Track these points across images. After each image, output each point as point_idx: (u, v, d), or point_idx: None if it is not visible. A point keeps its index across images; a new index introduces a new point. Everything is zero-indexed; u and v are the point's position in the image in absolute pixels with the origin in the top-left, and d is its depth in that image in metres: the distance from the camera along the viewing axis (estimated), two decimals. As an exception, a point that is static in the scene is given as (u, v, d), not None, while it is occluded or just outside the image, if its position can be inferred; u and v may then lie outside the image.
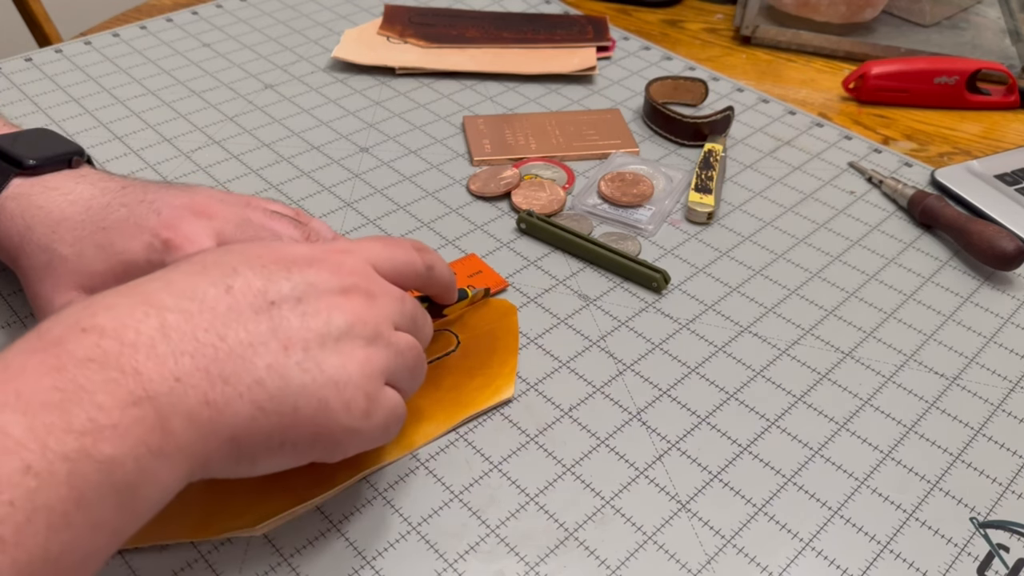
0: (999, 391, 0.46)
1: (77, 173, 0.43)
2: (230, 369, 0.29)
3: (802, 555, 0.37)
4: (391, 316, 0.34)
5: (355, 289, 0.34)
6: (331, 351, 0.31)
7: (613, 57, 0.75)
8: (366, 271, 0.35)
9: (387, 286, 0.35)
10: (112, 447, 0.26)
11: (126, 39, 0.73)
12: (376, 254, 0.36)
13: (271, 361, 0.30)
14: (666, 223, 0.56)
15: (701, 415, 0.43)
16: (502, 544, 0.37)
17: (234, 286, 0.31)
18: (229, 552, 0.36)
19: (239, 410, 0.29)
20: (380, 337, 0.33)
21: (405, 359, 0.35)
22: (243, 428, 0.29)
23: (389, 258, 0.37)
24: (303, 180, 0.58)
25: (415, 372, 0.36)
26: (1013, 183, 0.61)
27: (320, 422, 0.31)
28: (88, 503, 0.25)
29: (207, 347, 0.29)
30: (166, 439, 0.27)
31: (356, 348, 0.32)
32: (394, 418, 0.34)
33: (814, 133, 0.66)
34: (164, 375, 0.28)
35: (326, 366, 0.31)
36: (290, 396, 0.30)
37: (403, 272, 0.37)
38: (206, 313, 0.30)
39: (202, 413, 0.28)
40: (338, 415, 0.31)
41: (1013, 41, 0.80)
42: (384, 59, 0.71)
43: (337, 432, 0.32)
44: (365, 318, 0.33)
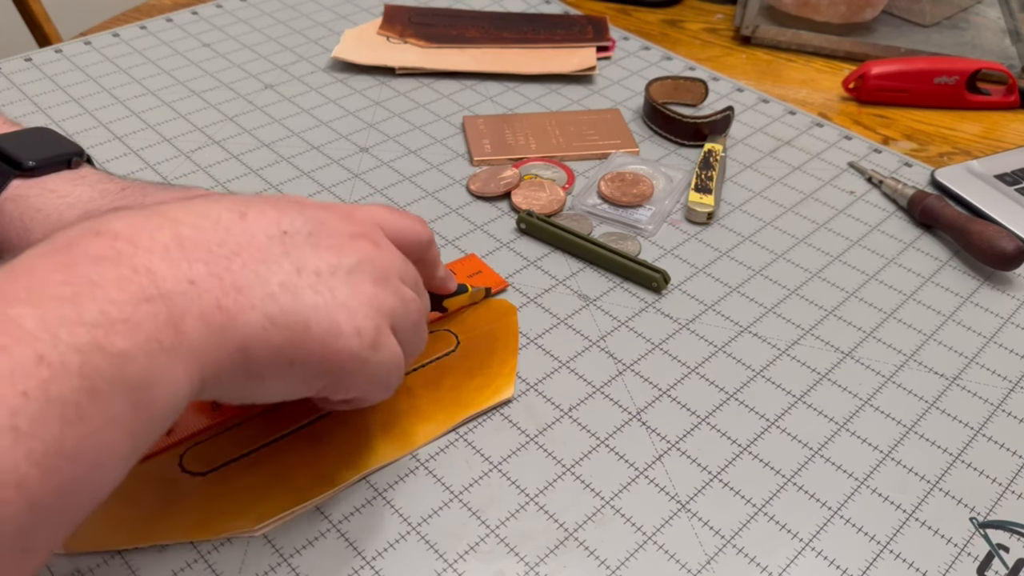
0: (999, 391, 0.46)
1: (76, 174, 0.43)
2: (243, 280, 0.30)
3: (802, 555, 0.37)
4: (397, 269, 0.35)
5: (363, 236, 0.34)
6: (342, 281, 0.32)
7: (613, 57, 0.75)
8: (373, 225, 0.36)
9: (391, 245, 0.36)
10: (124, 340, 0.26)
11: (126, 39, 0.73)
12: (381, 215, 0.37)
13: (284, 279, 0.31)
14: (666, 223, 0.56)
15: (701, 415, 0.43)
16: (502, 544, 0.37)
17: (248, 213, 0.32)
18: (229, 552, 0.36)
19: (251, 319, 0.29)
20: (388, 280, 0.34)
21: (409, 311, 0.35)
22: (254, 339, 0.30)
23: (393, 221, 0.37)
24: (303, 180, 0.58)
25: (418, 329, 0.37)
26: (1013, 183, 0.61)
27: (329, 343, 0.31)
28: (101, 396, 0.25)
29: (221, 258, 0.29)
30: (178, 338, 0.27)
31: (366, 283, 0.33)
32: (396, 365, 0.34)
33: (814, 133, 0.66)
34: (178, 276, 0.28)
35: (338, 292, 0.32)
36: (302, 312, 0.31)
37: (407, 237, 0.38)
38: (220, 231, 0.30)
39: (215, 317, 0.28)
40: (348, 339, 0.32)
41: (1013, 41, 0.80)
42: (384, 59, 0.71)
43: (345, 357, 0.32)
44: (375, 259, 0.34)
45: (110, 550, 0.36)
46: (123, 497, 0.37)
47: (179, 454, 0.39)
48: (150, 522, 0.37)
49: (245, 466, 0.39)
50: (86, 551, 0.36)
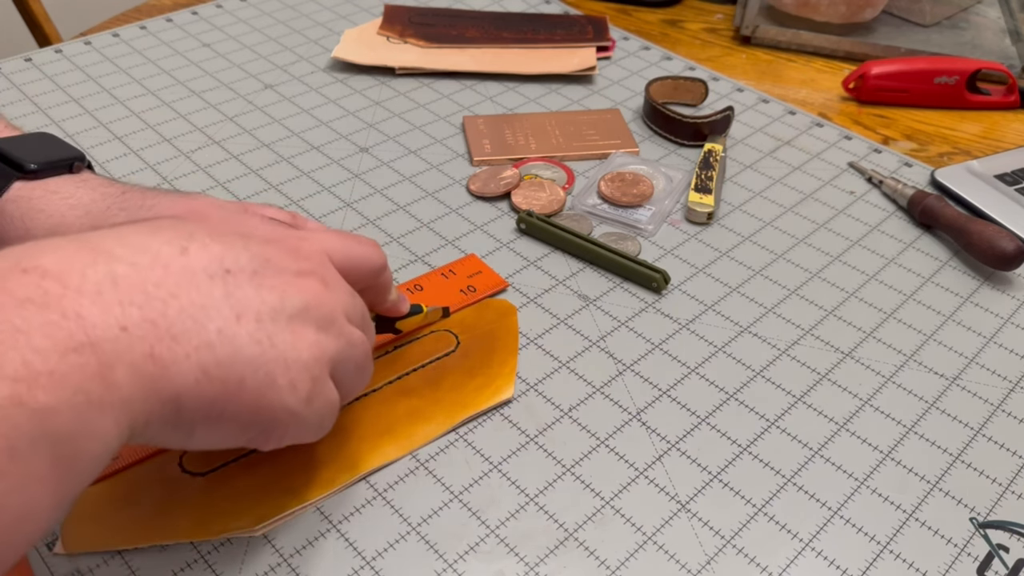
0: (999, 391, 0.46)
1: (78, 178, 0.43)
2: (179, 327, 0.28)
3: (802, 555, 0.37)
4: (344, 307, 0.34)
5: (311, 273, 0.33)
6: (283, 327, 0.31)
7: (613, 57, 0.75)
8: (322, 259, 0.34)
9: (340, 279, 0.35)
10: (48, 395, 0.24)
11: (126, 39, 0.73)
12: (332, 244, 0.36)
13: (222, 326, 0.29)
14: (666, 223, 0.56)
15: (701, 415, 0.43)
16: (502, 544, 0.37)
17: (189, 248, 0.30)
18: (229, 552, 0.36)
19: (185, 370, 0.28)
20: (333, 324, 0.33)
21: (354, 353, 0.34)
22: (187, 391, 0.28)
23: (344, 249, 0.36)
24: (303, 180, 0.58)
25: (362, 369, 0.35)
26: (1013, 183, 0.61)
27: (263, 397, 0.30)
28: (21, 454, 0.24)
29: (156, 301, 0.28)
30: (107, 389, 0.26)
31: (308, 330, 0.31)
32: (330, 411, 0.33)
33: (814, 133, 0.66)
34: (109, 322, 0.26)
35: (277, 341, 0.30)
36: (238, 365, 0.29)
37: (357, 265, 0.37)
38: (158, 269, 0.28)
39: (147, 367, 0.27)
40: (282, 393, 0.30)
41: (1013, 41, 0.80)
42: (384, 59, 0.71)
43: (278, 411, 0.31)
44: (320, 301, 0.32)
45: (110, 550, 0.36)
46: (123, 497, 0.37)
47: (179, 454, 0.39)
48: (150, 522, 0.37)
49: (245, 466, 0.39)
50: (86, 551, 0.36)
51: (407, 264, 0.52)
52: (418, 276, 0.50)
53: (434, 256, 0.52)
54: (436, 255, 0.52)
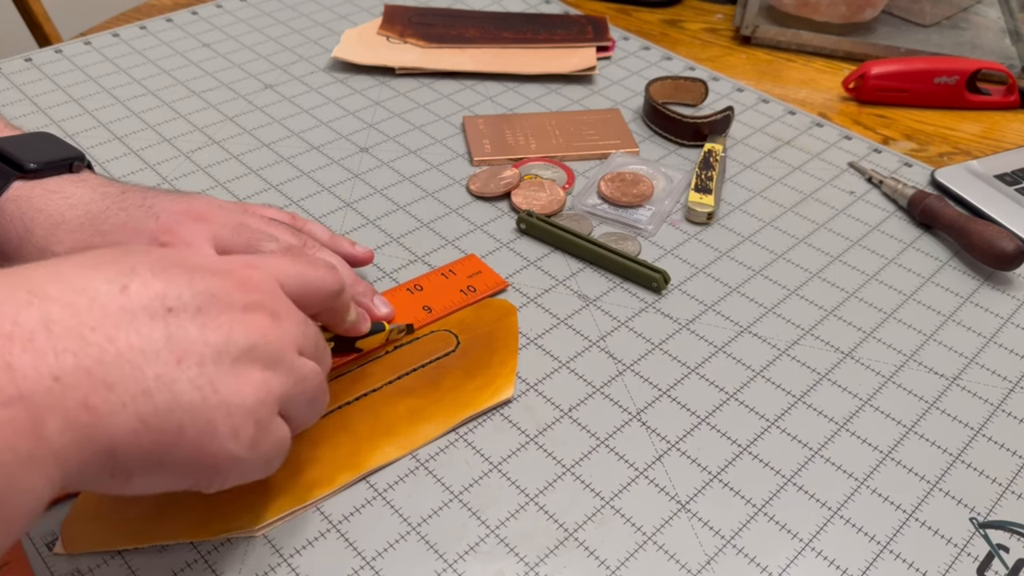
0: (999, 391, 0.46)
1: (77, 177, 0.43)
2: (116, 375, 0.27)
3: (802, 555, 0.37)
4: (295, 340, 0.32)
5: (260, 307, 0.31)
6: (227, 371, 0.29)
7: (613, 57, 0.75)
8: (273, 288, 0.33)
9: (292, 308, 0.33)
10: None
11: (126, 39, 0.73)
12: (284, 271, 0.34)
13: (162, 372, 0.28)
14: (666, 223, 0.56)
15: (701, 415, 0.43)
16: (502, 544, 0.37)
17: (130, 286, 0.28)
18: (229, 552, 0.36)
19: (121, 421, 0.27)
20: (281, 362, 0.31)
21: (306, 388, 0.33)
22: (123, 441, 0.27)
23: (297, 275, 0.35)
24: (303, 180, 0.58)
25: (315, 402, 0.34)
26: (1013, 183, 0.61)
27: (204, 445, 0.29)
28: None
29: (93, 347, 0.26)
30: (38, 444, 0.25)
31: (254, 371, 0.30)
32: (278, 451, 0.32)
33: (814, 133, 0.66)
34: (41, 372, 0.25)
35: (220, 386, 0.29)
36: (177, 413, 0.28)
37: (311, 291, 0.35)
38: (96, 310, 0.27)
39: (80, 417, 0.26)
40: (224, 441, 0.29)
41: (1013, 41, 0.80)
42: (384, 59, 0.71)
43: (220, 458, 0.29)
44: (268, 338, 0.31)
45: (110, 550, 0.36)
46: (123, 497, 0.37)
47: None
48: (150, 522, 0.37)
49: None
50: (86, 551, 0.36)
51: (407, 264, 0.52)
52: (418, 276, 0.50)
53: (434, 256, 0.52)
54: (436, 255, 0.52)
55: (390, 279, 0.50)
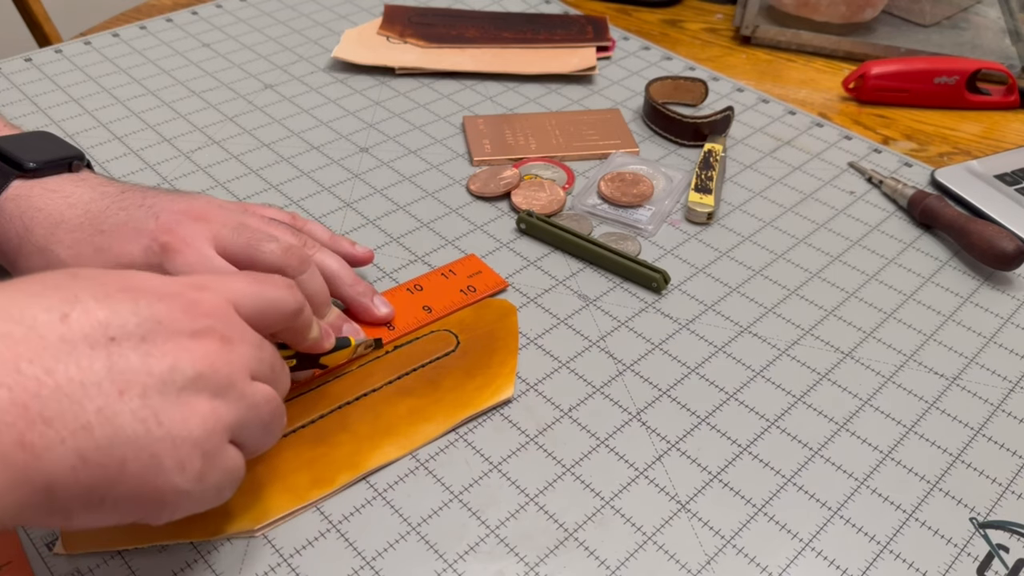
0: (999, 391, 0.46)
1: (77, 177, 0.43)
2: (54, 409, 0.26)
3: (802, 555, 0.37)
4: (247, 365, 0.31)
5: (209, 332, 0.30)
6: (172, 401, 0.28)
7: (613, 57, 0.75)
8: (224, 311, 0.32)
9: (245, 330, 0.32)
10: None
11: (126, 39, 0.73)
12: (239, 291, 0.33)
13: (103, 405, 0.27)
14: (666, 223, 0.56)
15: (701, 415, 0.43)
16: (502, 544, 0.37)
17: (71, 315, 0.27)
18: (229, 552, 0.36)
19: (59, 457, 0.26)
20: (232, 389, 0.30)
21: (259, 413, 0.32)
22: (61, 478, 0.26)
23: (253, 295, 0.33)
24: (303, 180, 0.58)
25: (270, 427, 0.33)
26: (1013, 183, 0.61)
27: (148, 480, 0.28)
28: None
29: (30, 380, 0.25)
30: None
31: (202, 400, 0.29)
32: (230, 480, 0.31)
33: (814, 133, 0.66)
34: None
35: (164, 418, 0.28)
36: (118, 448, 0.27)
37: (268, 311, 0.34)
38: (34, 341, 0.26)
39: (15, 457, 0.25)
40: (169, 475, 0.28)
41: (1013, 41, 0.80)
42: (384, 59, 0.71)
43: (166, 492, 0.28)
44: (217, 366, 0.30)
45: (110, 550, 0.36)
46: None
47: None
48: (150, 522, 0.37)
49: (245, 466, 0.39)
50: (86, 551, 0.36)
51: (407, 264, 0.52)
52: (418, 276, 0.50)
53: (434, 256, 0.52)
54: (436, 255, 0.52)
55: (390, 279, 0.50)
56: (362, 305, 0.45)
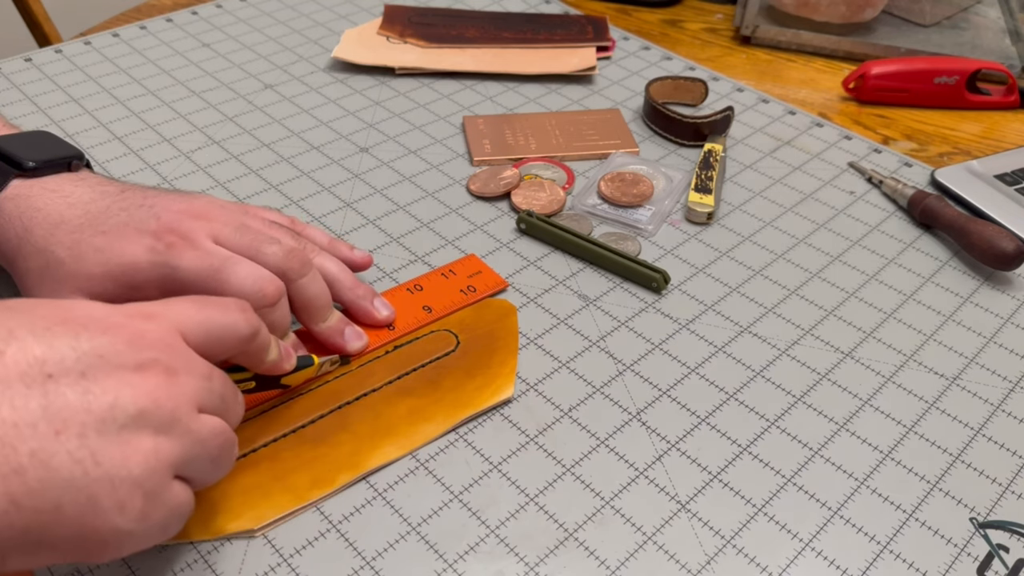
0: (999, 391, 0.46)
1: (76, 176, 0.43)
2: None
3: (802, 555, 0.37)
4: (194, 398, 0.30)
5: (153, 365, 0.29)
6: (112, 440, 0.27)
7: (613, 57, 0.75)
8: (170, 342, 0.31)
9: (193, 361, 0.31)
10: None
11: (126, 39, 0.73)
12: (188, 318, 0.32)
13: (37, 447, 0.26)
14: (666, 223, 0.56)
15: (701, 415, 0.43)
16: (502, 544, 0.37)
17: (6, 352, 0.27)
18: (229, 552, 0.36)
19: None
20: (176, 424, 0.29)
21: (207, 448, 0.31)
22: None
23: (203, 322, 0.32)
24: (303, 180, 0.58)
25: (219, 461, 0.32)
26: (1013, 183, 0.61)
27: (86, 522, 0.27)
28: None
29: None
30: None
31: (143, 438, 0.28)
32: (176, 517, 0.30)
33: (814, 133, 0.66)
34: None
35: (103, 458, 0.27)
36: (53, 490, 0.26)
37: (220, 338, 0.33)
38: None
39: None
40: (108, 516, 0.27)
41: (1013, 41, 0.80)
42: (384, 59, 0.71)
43: (105, 534, 0.27)
44: (160, 401, 0.29)
45: (110, 550, 0.36)
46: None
47: None
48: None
49: (245, 466, 0.39)
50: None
51: (407, 264, 0.52)
52: (418, 276, 0.50)
53: (434, 256, 0.52)
54: (436, 255, 0.52)
55: (390, 279, 0.50)
56: (363, 308, 0.45)
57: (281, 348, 0.38)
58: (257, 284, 0.39)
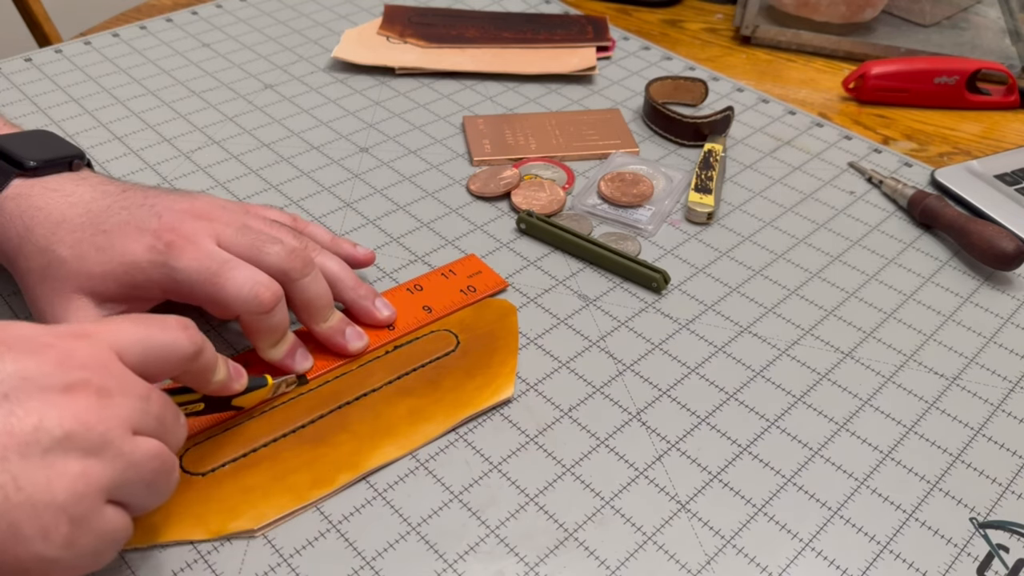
0: (999, 391, 0.46)
1: (77, 176, 0.43)
2: None
3: (802, 555, 0.37)
4: (128, 419, 0.29)
5: (84, 386, 0.28)
6: (36, 464, 0.26)
7: (613, 57, 0.75)
8: (104, 361, 0.30)
9: (129, 381, 0.30)
10: None
11: (126, 39, 0.73)
12: (124, 337, 0.31)
13: None
14: (666, 223, 0.56)
15: (701, 415, 0.43)
16: (502, 544, 0.37)
17: None
18: (229, 552, 0.36)
19: None
20: (107, 447, 0.28)
21: (140, 471, 0.29)
22: None
23: (141, 341, 0.31)
24: (303, 180, 0.58)
25: (155, 486, 0.31)
26: (1013, 183, 0.61)
27: (7, 549, 0.26)
28: None
29: None
30: None
31: (70, 461, 0.27)
32: (108, 543, 0.29)
33: (814, 133, 0.66)
34: None
35: (24, 482, 0.26)
36: None
37: (159, 357, 0.32)
38: None
39: None
40: (31, 544, 0.26)
41: (1013, 41, 0.80)
42: (384, 59, 0.71)
43: (27, 562, 0.27)
44: (89, 423, 0.28)
45: (110, 550, 0.36)
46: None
47: (179, 454, 0.39)
48: (150, 522, 0.37)
49: (245, 466, 0.39)
50: (86, 551, 0.36)
51: (407, 264, 0.52)
52: (418, 276, 0.50)
53: (434, 256, 0.52)
54: (436, 255, 0.52)
55: (390, 279, 0.50)
56: (364, 308, 0.45)
57: (230, 368, 0.37)
58: (254, 290, 0.39)
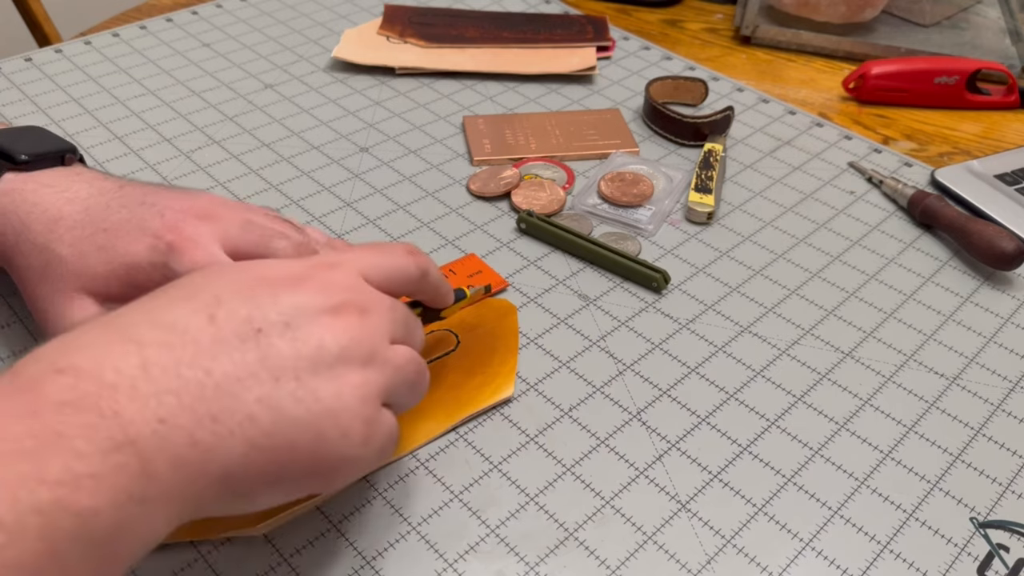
0: (999, 391, 0.46)
1: (71, 171, 0.43)
2: (218, 406, 0.28)
3: (802, 555, 0.37)
4: (387, 330, 0.33)
5: (347, 306, 0.32)
6: (325, 378, 0.30)
7: (613, 57, 0.75)
8: (356, 284, 0.33)
9: (379, 297, 0.34)
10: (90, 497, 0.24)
11: (126, 39, 0.73)
12: (366, 263, 0.34)
13: (262, 394, 0.29)
14: (666, 223, 0.56)
15: (701, 415, 0.43)
16: (502, 544, 0.37)
17: (217, 315, 0.29)
18: (229, 552, 0.36)
19: (231, 448, 0.28)
20: (376, 356, 0.32)
21: (405, 374, 0.33)
22: (236, 466, 0.28)
23: (379, 265, 0.35)
24: (303, 180, 0.58)
25: (416, 385, 0.34)
26: (1013, 183, 0.61)
27: (318, 454, 0.30)
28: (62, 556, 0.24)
29: (192, 384, 0.27)
30: (150, 484, 0.26)
31: (351, 372, 0.31)
32: (390, 440, 0.33)
33: (814, 133, 0.66)
34: (147, 417, 0.26)
35: (321, 394, 0.30)
36: (285, 430, 0.29)
37: (395, 279, 0.36)
38: (189, 346, 0.28)
39: (189, 455, 0.27)
40: (336, 445, 0.30)
41: (1013, 41, 0.80)
42: (384, 59, 0.71)
43: (335, 461, 0.30)
44: (359, 337, 0.31)
45: (110, 550, 0.36)
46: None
47: None
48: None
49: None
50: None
51: (407, 264, 0.51)
52: (418, 276, 0.50)
53: (434, 256, 0.52)
54: (436, 255, 0.52)
55: (390, 279, 0.50)
56: None
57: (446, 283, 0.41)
58: None
